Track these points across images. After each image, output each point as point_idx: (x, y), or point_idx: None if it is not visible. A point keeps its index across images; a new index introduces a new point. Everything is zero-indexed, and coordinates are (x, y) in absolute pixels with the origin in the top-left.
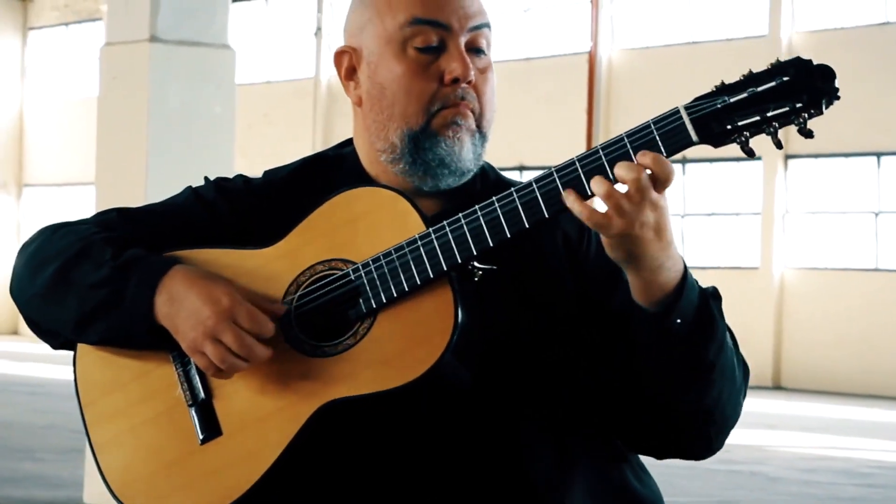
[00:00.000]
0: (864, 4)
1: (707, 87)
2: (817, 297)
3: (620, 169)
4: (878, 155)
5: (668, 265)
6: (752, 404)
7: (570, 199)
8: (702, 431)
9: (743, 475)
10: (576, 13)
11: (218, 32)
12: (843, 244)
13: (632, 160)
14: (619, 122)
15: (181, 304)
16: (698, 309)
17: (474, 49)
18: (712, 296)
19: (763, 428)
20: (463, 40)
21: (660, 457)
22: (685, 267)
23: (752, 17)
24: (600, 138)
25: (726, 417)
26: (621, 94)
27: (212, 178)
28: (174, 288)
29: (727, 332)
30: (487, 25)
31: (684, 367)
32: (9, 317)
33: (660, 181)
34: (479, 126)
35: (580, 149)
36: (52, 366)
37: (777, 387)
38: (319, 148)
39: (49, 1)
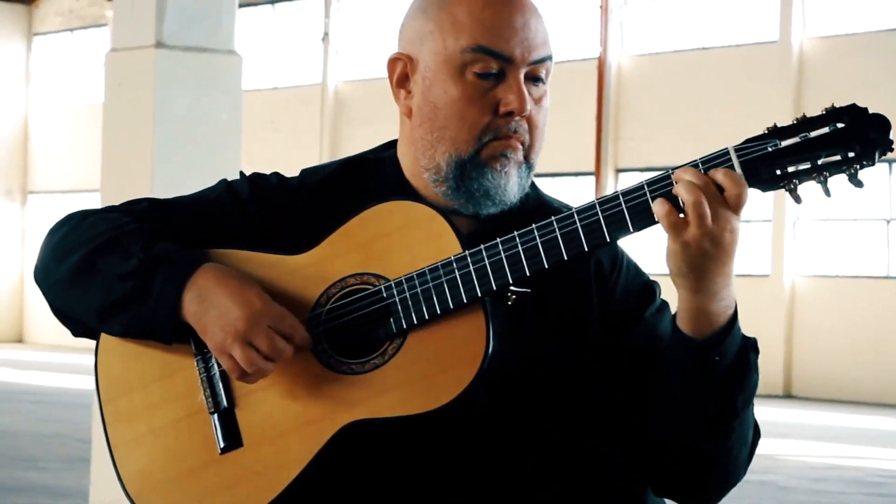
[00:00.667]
0: (876, 10)
1: (717, 93)
2: (828, 304)
3: (687, 178)
4: (891, 162)
5: (723, 295)
6: (762, 413)
7: (656, 204)
8: (705, 481)
9: (753, 484)
10: (585, 18)
11: (224, 38)
12: (854, 251)
13: (674, 197)
14: (628, 128)
15: (210, 303)
16: (738, 355)
17: (532, 78)
18: (752, 347)
19: (773, 437)
20: (523, 72)
21: (658, 494)
22: (736, 310)
23: (763, 22)
24: (609, 145)
25: (731, 474)
26: (631, 100)
27: (247, 173)
28: (204, 286)
29: (756, 390)
30: (550, 58)
31: (707, 410)
32: (13, 324)
33: (731, 198)
34: (526, 157)
35: (589, 155)
36: (57, 374)
37: (787, 395)
38: (326, 156)
39: (54, 6)
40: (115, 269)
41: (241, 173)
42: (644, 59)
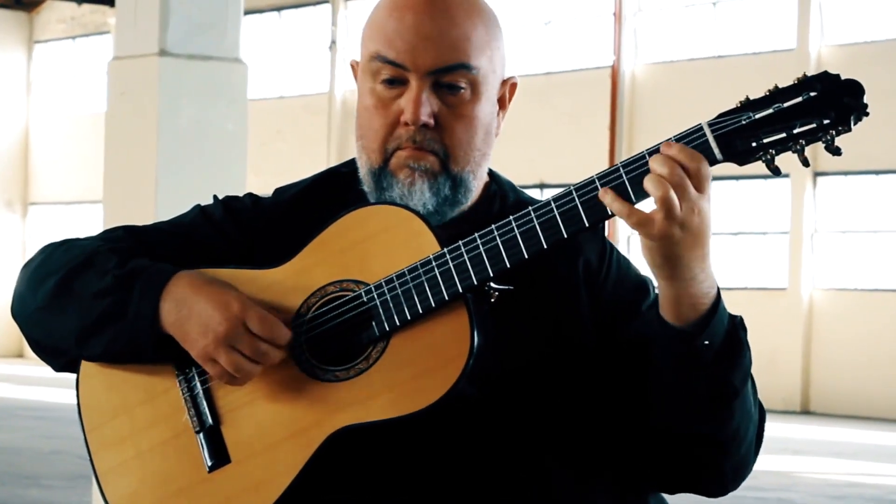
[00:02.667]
0: (894, 17)
1: (733, 102)
2: (847, 318)
3: (655, 162)
4: None
5: (702, 278)
6: (780, 429)
7: (608, 198)
8: (718, 466)
9: (770, 502)
10: (598, 26)
11: (230, 46)
12: (873, 264)
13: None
14: (642, 138)
15: (190, 310)
16: (728, 334)
17: (448, 86)
18: (740, 325)
19: (790, 454)
20: (428, 81)
21: (671, 491)
22: (718, 291)
23: (780, 30)
24: (623, 155)
25: (743, 455)
26: (645, 109)
27: (221, 196)
28: (180, 293)
29: (751, 366)
30: (463, 66)
31: (705, 394)
32: (13, 340)
33: (691, 173)
34: (445, 168)
35: (603, 166)
36: (58, 389)
37: (805, 411)
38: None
39: (55, 14)
40: (90, 288)
41: (215, 196)
42: (658, 68)
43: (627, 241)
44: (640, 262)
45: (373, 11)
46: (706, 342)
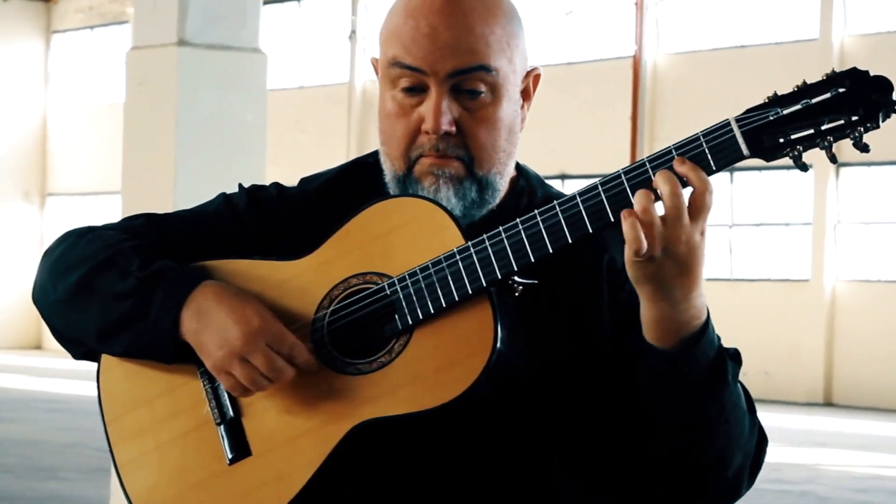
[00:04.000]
0: None
1: (756, 93)
2: (870, 310)
3: (659, 178)
4: None
5: (685, 307)
6: (803, 421)
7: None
8: (700, 487)
9: (793, 495)
10: (620, 16)
11: (249, 36)
12: None
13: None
14: (664, 128)
15: (209, 321)
16: (711, 366)
17: (467, 91)
18: (734, 358)
19: (814, 446)
20: (447, 85)
21: None
22: (706, 322)
23: (803, 19)
24: (645, 146)
25: (731, 479)
26: (667, 99)
27: (246, 185)
28: (202, 304)
29: (740, 397)
30: (482, 68)
31: (677, 417)
32: (31, 331)
33: (697, 193)
34: (471, 173)
35: (624, 157)
36: (75, 381)
37: (828, 403)
38: (354, 157)
39: (73, 3)
40: (112, 288)
41: (240, 185)
42: (680, 58)
43: None
44: None
45: (388, 15)
46: (685, 369)
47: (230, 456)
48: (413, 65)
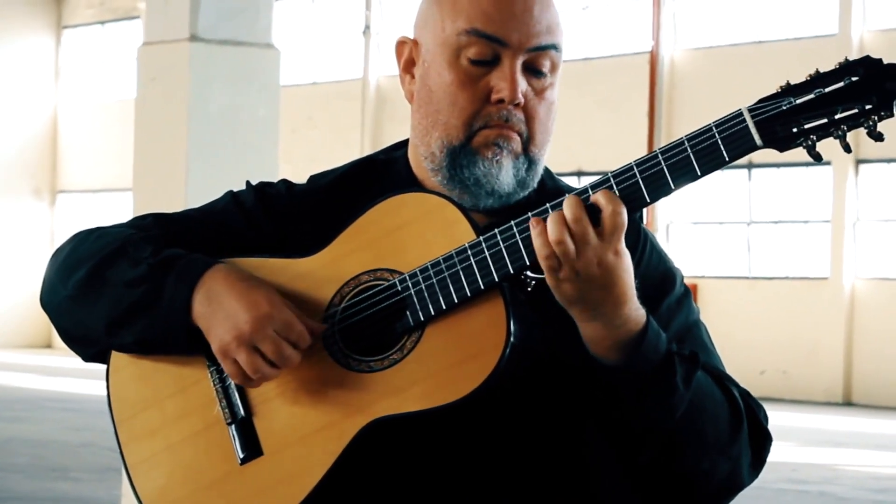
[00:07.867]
0: None
1: (773, 89)
2: (890, 308)
3: (566, 204)
4: None
5: (618, 323)
6: (821, 421)
7: (536, 229)
8: (689, 497)
9: (811, 495)
10: (636, 11)
11: (262, 31)
12: None
13: (692, 164)
14: (681, 124)
15: (219, 305)
16: (654, 374)
17: (533, 70)
18: (689, 359)
19: (833, 446)
20: (520, 60)
21: None
22: (643, 331)
23: (822, 15)
24: (662, 141)
25: (715, 489)
26: (684, 95)
27: (254, 182)
28: (213, 287)
29: (713, 401)
30: (554, 47)
31: (627, 426)
32: (42, 330)
33: (605, 214)
34: (526, 150)
35: (641, 153)
36: (87, 380)
37: (847, 403)
38: (367, 153)
39: None
40: (123, 277)
41: (248, 183)
42: (698, 53)
43: (666, 229)
44: (675, 254)
45: None
46: (627, 379)
47: (241, 456)
48: (495, 34)
